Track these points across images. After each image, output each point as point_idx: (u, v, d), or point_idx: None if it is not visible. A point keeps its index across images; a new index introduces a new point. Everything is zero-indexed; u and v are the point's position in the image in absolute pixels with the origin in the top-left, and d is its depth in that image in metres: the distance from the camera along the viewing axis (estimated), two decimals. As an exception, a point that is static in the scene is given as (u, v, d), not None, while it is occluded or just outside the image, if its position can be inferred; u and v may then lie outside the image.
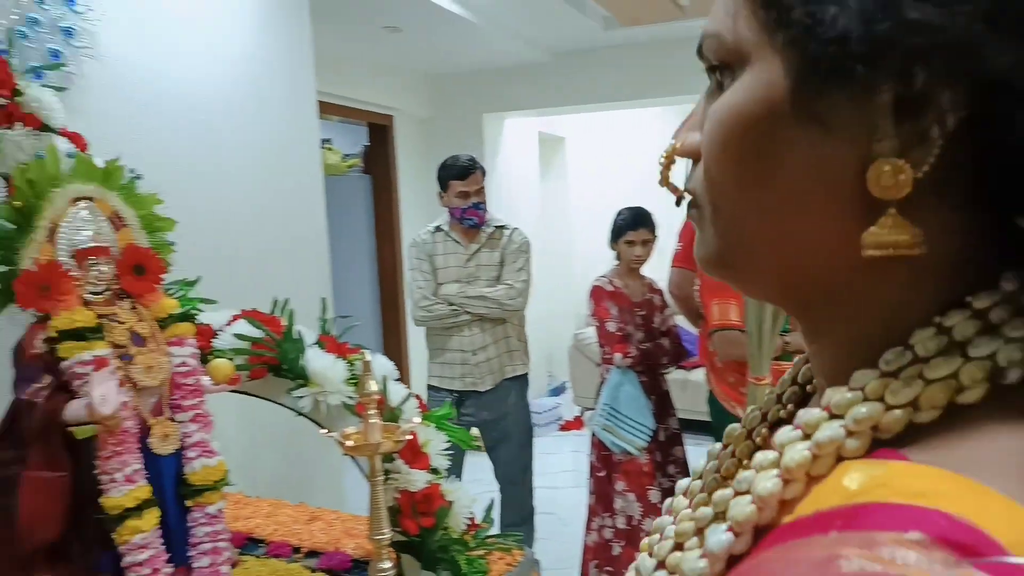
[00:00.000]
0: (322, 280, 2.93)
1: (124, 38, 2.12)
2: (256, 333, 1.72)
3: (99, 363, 1.35)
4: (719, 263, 0.41)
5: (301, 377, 1.69)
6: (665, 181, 0.45)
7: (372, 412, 1.34)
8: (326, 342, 1.79)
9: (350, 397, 1.66)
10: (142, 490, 1.39)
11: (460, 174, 3.08)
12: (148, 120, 2.20)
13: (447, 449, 1.65)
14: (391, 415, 1.61)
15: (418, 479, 1.55)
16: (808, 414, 0.36)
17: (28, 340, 1.39)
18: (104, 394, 1.30)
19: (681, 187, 0.44)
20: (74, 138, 1.65)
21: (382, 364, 1.73)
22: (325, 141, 4.67)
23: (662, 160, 0.45)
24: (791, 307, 0.41)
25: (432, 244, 3.09)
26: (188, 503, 1.48)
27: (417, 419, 1.56)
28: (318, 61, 2.94)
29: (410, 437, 1.54)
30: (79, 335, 1.37)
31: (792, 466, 0.34)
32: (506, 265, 3.11)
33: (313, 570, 1.85)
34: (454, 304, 3.07)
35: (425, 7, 3.82)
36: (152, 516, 1.40)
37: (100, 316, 1.42)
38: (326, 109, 3.89)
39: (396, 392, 1.66)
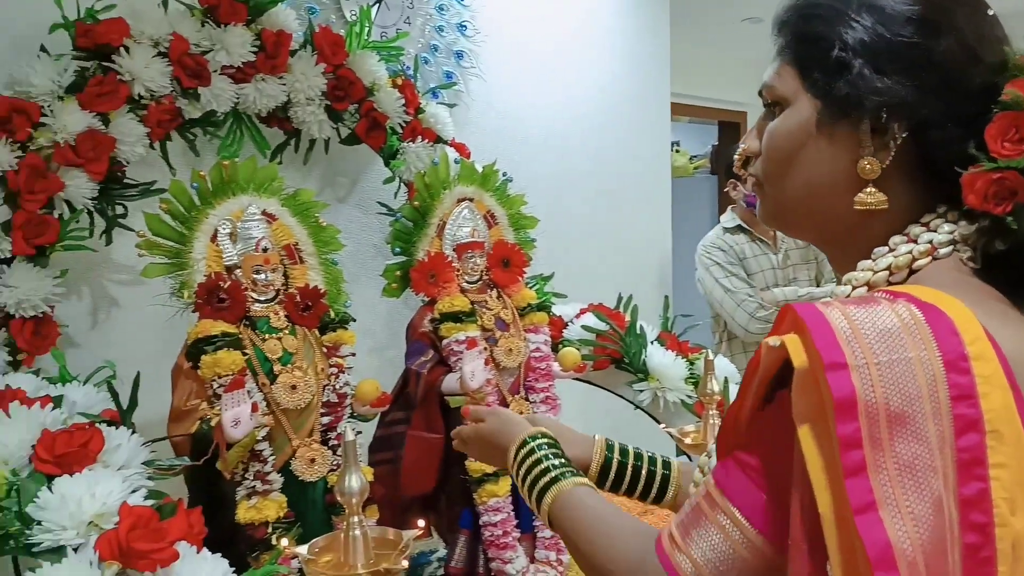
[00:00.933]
0: (663, 279, 2.95)
1: (504, 60, 2.33)
2: (602, 326, 1.81)
3: (470, 343, 1.51)
4: (774, 220, 0.74)
5: (641, 371, 1.73)
6: (739, 168, 0.79)
7: (712, 412, 1.31)
8: (667, 339, 1.83)
9: (688, 395, 1.66)
10: (498, 460, 1.51)
11: None
12: (517, 131, 2.39)
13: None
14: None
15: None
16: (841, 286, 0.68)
17: (418, 320, 1.61)
18: (473, 370, 1.45)
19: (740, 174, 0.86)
20: (459, 148, 1.90)
21: (723, 366, 1.70)
22: (673, 143, 4.69)
23: (737, 158, 0.77)
24: (820, 243, 0.74)
25: (739, 246, 2.65)
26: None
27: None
28: (671, 63, 2.96)
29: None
30: (456, 318, 1.54)
31: None
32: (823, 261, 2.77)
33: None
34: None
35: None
36: (506, 483, 1.53)
37: (473, 302, 1.59)
38: (676, 110, 3.89)
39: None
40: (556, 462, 0.84)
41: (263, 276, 1.35)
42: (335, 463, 1.39)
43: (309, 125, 1.71)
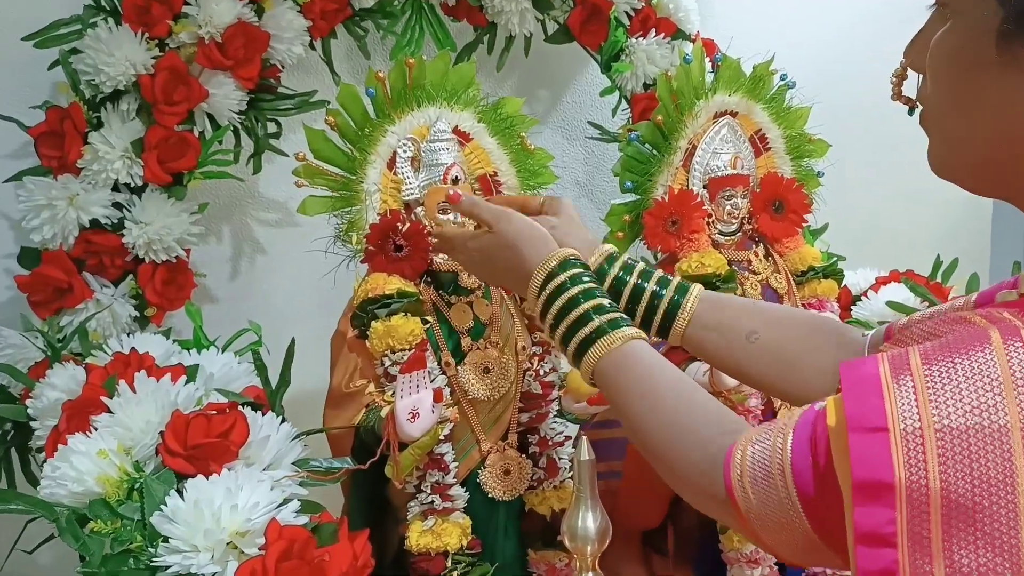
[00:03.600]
0: (980, 236, 2.63)
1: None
2: (916, 303, 1.60)
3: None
4: (941, 169, 0.71)
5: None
6: (898, 95, 0.76)
7: None
8: None
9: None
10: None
11: None
12: (781, 33, 2.19)
13: None
14: None
15: None
16: None
17: None
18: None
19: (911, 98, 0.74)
20: (708, 46, 1.73)
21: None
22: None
23: (894, 79, 0.76)
24: (996, 193, 0.71)
25: None
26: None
27: None
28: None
29: None
30: (707, 283, 1.36)
31: None
32: None
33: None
34: None
35: None
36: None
37: (731, 262, 1.44)
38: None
39: None
40: (597, 304, 0.89)
41: (451, 217, 1.27)
42: (535, 477, 1.31)
43: (508, 16, 1.65)
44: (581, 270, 0.93)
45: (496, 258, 0.99)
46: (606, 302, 0.90)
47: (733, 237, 1.48)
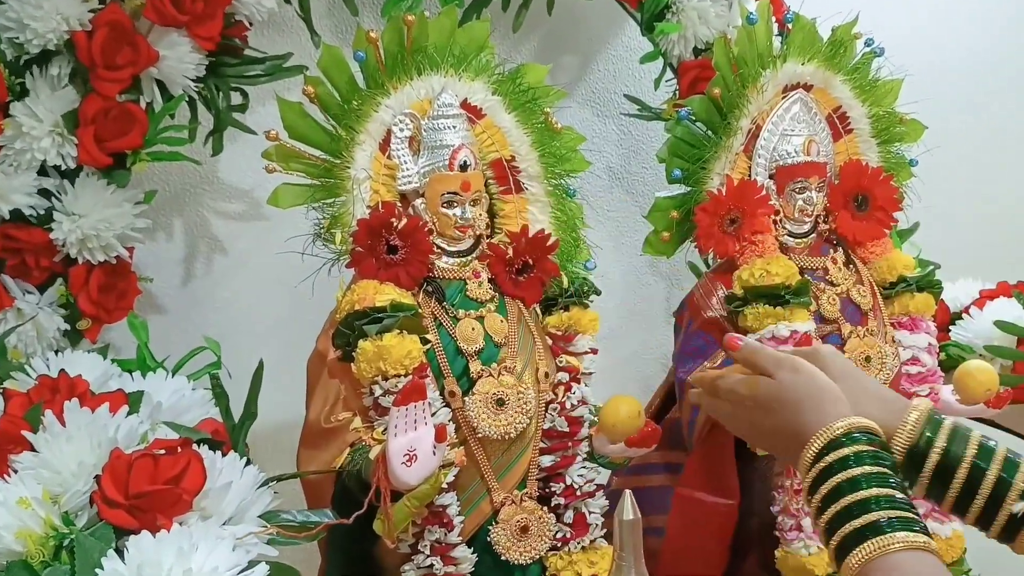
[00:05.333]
0: None
1: None
2: None
3: (803, 342, 1.37)
4: None
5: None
6: None
7: None
8: None
9: None
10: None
11: None
12: None
13: None
14: None
15: None
16: None
17: (702, 295, 1.49)
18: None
19: None
20: (775, 3, 1.71)
21: None
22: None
23: None
24: None
25: None
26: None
27: None
28: None
29: None
30: (774, 296, 1.39)
31: None
32: None
33: None
34: None
35: None
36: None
37: (803, 269, 1.45)
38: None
39: None
40: (883, 493, 0.83)
41: (459, 211, 1.28)
42: (559, 536, 1.31)
43: (528, -37, 1.65)
44: (873, 449, 0.88)
45: (770, 411, 0.95)
46: (897, 494, 0.84)
47: (806, 239, 1.49)
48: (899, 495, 0.84)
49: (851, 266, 1.50)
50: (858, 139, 1.52)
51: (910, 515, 0.82)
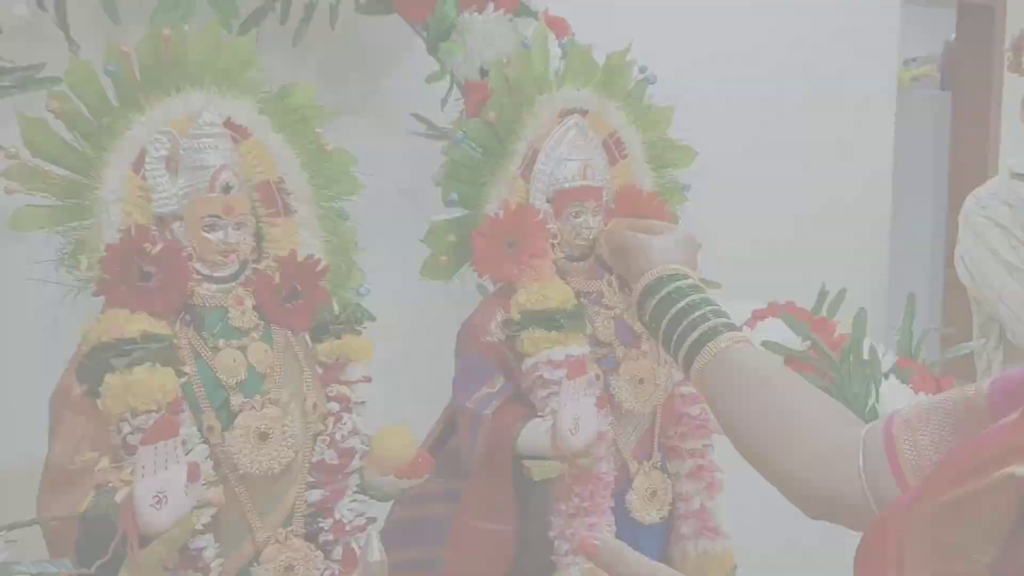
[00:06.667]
0: (878, 258, 2.85)
1: None
2: (795, 343, 1.65)
3: (575, 367, 1.38)
4: None
5: (870, 428, 1.59)
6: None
7: None
8: (911, 368, 1.66)
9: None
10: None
11: None
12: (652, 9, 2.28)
13: None
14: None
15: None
16: None
17: (481, 320, 1.48)
18: (577, 417, 1.34)
19: None
20: (557, 26, 1.73)
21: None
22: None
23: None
24: None
25: None
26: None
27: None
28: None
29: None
30: (550, 320, 1.40)
31: None
32: None
33: None
34: None
35: None
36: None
37: (580, 293, 1.46)
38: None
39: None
40: (706, 311, 1.17)
41: (221, 235, 1.24)
42: (327, 574, 1.28)
43: (307, -26, 1.62)
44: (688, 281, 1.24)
45: (638, 255, 1.31)
46: (711, 308, 1.18)
47: (584, 263, 1.50)
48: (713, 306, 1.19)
49: (626, 290, 1.49)
50: (633, 164, 1.54)
51: (726, 318, 1.17)
